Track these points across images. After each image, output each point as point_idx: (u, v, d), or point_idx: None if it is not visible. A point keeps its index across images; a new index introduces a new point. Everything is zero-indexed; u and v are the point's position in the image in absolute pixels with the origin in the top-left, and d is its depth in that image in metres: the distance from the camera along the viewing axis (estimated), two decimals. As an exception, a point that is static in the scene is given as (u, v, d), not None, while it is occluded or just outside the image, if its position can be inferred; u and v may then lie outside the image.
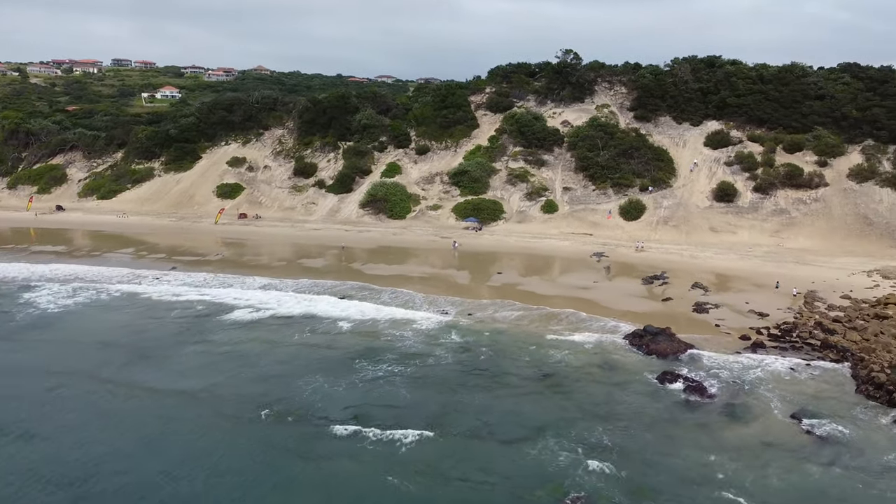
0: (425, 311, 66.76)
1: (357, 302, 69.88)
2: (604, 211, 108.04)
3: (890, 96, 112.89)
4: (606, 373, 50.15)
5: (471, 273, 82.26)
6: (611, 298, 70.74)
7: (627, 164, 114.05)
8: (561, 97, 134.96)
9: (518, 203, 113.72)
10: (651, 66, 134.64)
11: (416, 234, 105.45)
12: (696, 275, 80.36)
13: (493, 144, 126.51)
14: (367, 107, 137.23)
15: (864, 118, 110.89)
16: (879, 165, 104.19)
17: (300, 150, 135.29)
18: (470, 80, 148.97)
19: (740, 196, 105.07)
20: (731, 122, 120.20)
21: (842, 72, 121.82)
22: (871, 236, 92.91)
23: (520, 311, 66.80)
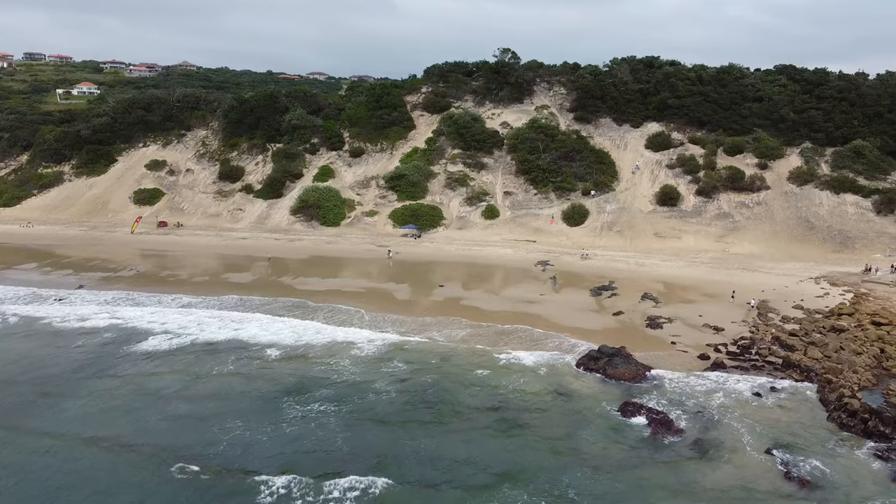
0: (364, 332, 60.99)
1: (289, 323, 63.54)
2: (546, 216, 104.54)
3: (825, 98, 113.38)
4: (564, 404, 45.68)
5: (411, 287, 76.96)
6: (561, 314, 66.63)
7: (569, 168, 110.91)
8: (499, 97, 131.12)
9: (458, 208, 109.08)
10: (590, 67, 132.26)
11: (351, 243, 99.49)
12: (645, 284, 77.35)
13: (431, 147, 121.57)
14: (298, 106, 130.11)
15: (802, 120, 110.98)
16: (818, 168, 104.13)
17: (226, 152, 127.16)
18: (405, 79, 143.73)
19: (683, 200, 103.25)
20: (671, 123, 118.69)
21: (778, 74, 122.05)
22: (813, 241, 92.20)
23: (466, 329, 61.94)
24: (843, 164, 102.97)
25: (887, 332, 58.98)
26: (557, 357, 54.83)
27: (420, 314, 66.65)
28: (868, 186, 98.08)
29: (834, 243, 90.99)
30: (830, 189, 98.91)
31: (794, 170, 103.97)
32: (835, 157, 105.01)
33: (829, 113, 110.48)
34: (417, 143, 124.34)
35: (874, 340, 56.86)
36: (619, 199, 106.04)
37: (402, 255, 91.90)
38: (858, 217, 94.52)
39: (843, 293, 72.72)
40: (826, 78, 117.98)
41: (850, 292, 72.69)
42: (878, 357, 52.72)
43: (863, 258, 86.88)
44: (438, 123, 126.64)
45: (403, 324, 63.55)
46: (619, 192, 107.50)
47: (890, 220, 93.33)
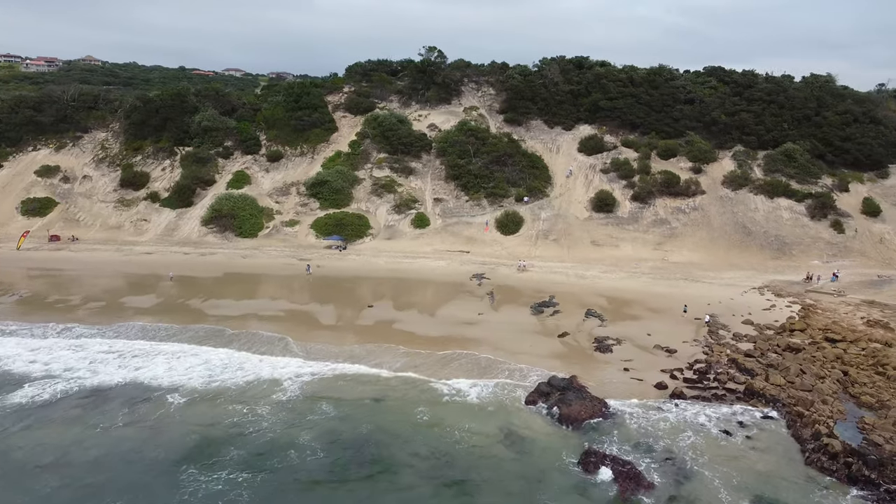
0: (287, 367, 53.59)
1: (201, 356, 55.56)
2: (479, 224, 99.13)
3: (755, 101, 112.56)
4: (519, 457, 39.89)
5: (338, 308, 69.86)
6: (502, 337, 61.07)
7: (501, 173, 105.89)
8: (426, 98, 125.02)
9: (386, 217, 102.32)
10: (519, 67, 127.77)
11: (270, 257, 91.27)
12: (587, 299, 72.95)
13: (355, 150, 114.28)
14: (209, 106, 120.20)
15: (733, 123, 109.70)
16: (751, 172, 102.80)
17: (128, 156, 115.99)
18: (326, 77, 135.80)
19: (619, 206, 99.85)
20: (604, 126, 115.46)
21: (707, 75, 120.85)
22: (751, 247, 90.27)
23: (402, 359, 55.62)
24: (775, 167, 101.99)
25: (844, 350, 56.25)
26: (504, 391, 49.25)
27: (349, 341, 59.85)
28: (801, 191, 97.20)
29: (772, 249, 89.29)
30: (765, 193, 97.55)
31: (728, 174, 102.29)
32: (767, 160, 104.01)
33: (759, 116, 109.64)
34: (340, 146, 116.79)
35: (833, 360, 53.93)
36: (553, 205, 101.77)
37: (327, 270, 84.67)
38: (793, 222, 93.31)
39: (790, 304, 70.33)
40: (754, 80, 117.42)
41: (797, 304, 70.36)
42: (842, 381, 49.48)
43: (801, 265, 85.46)
44: (362, 125, 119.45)
45: (331, 355, 56.54)
46: (553, 199, 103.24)
47: (824, 226, 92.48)
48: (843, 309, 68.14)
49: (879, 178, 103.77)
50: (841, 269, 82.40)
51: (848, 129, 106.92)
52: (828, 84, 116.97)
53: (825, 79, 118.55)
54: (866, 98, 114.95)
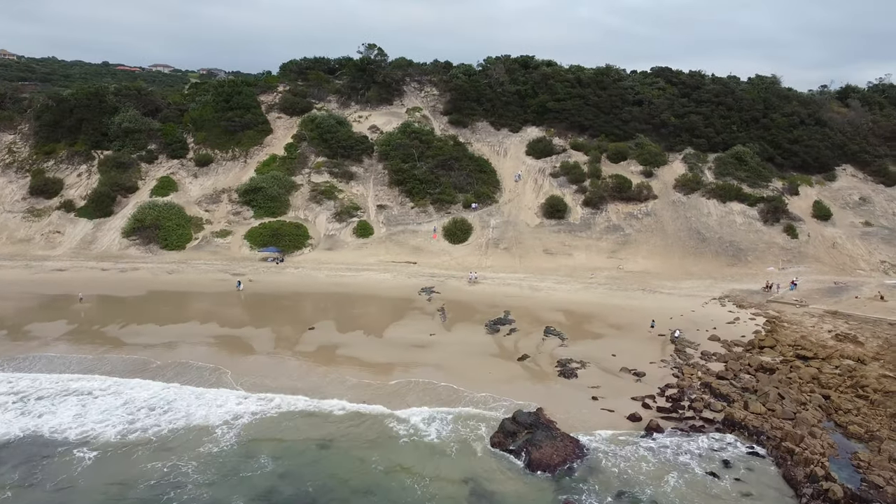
0: (221, 406, 47.38)
1: (120, 397, 48.80)
2: (426, 233, 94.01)
3: (703, 103, 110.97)
4: (489, 518, 35.09)
5: (276, 331, 63.58)
6: (458, 361, 56.15)
7: (448, 178, 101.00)
8: (366, 98, 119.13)
9: (326, 225, 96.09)
10: (463, 66, 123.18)
11: (199, 271, 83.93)
12: (544, 315, 68.85)
13: (292, 154, 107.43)
14: (130, 107, 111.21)
15: (683, 125, 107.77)
16: (703, 175, 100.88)
17: (39, 161, 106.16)
18: (260, 75, 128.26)
19: (571, 212, 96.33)
20: (552, 128, 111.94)
21: (655, 76, 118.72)
22: (706, 254, 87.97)
23: (350, 391, 50.02)
24: (726, 171, 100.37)
25: (818, 368, 53.55)
26: (467, 428, 44.46)
27: (290, 372, 53.79)
28: (753, 195, 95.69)
29: (727, 256, 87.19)
30: (717, 198, 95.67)
31: (679, 177, 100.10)
32: (718, 163, 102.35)
33: (708, 118, 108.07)
34: (275, 149, 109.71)
35: (809, 381, 51.05)
36: (503, 211, 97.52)
37: (263, 286, 78.15)
38: (747, 227, 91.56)
39: (753, 316, 67.78)
40: (702, 81, 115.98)
41: (760, 315, 67.88)
42: (824, 408, 46.40)
43: (758, 272, 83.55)
44: (299, 127, 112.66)
45: (271, 388, 50.41)
46: (502, 204, 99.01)
47: (777, 230, 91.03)
48: (809, 321, 65.91)
49: (827, 181, 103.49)
50: (798, 276, 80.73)
51: (795, 132, 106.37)
52: (773, 86, 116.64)
53: (770, 80, 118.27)
54: (811, 100, 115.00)
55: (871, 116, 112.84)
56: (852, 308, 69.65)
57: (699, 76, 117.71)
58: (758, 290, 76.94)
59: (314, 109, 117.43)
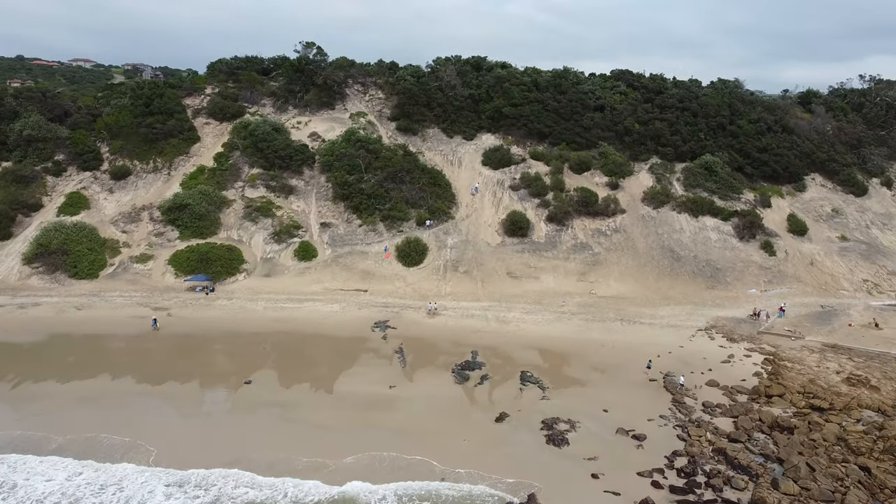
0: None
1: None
2: (377, 254, 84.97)
3: (667, 108, 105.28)
4: None
5: (205, 386, 53.75)
6: (425, 424, 47.72)
7: (398, 191, 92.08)
8: (305, 102, 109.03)
9: (263, 247, 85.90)
10: (411, 67, 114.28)
11: (114, 306, 72.79)
12: (517, 354, 61.22)
13: (222, 165, 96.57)
14: (33, 111, 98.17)
15: (648, 133, 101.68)
16: (671, 187, 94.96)
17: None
18: (186, 75, 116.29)
19: (534, 229, 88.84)
20: (509, 135, 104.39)
21: (615, 80, 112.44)
22: (683, 275, 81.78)
23: (297, 476, 40.98)
24: (695, 182, 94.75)
25: (840, 425, 47.16)
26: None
27: (222, 448, 44.16)
28: (726, 208, 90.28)
29: (704, 277, 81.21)
30: (689, 212, 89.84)
31: (648, 190, 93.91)
32: (686, 174, 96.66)
33: (673, 124, 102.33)
34: (204, 160, 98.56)
35: (836, 444, 44.53)
36: (460, 229, 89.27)
37: (190, 323, 67.85)
38: (722, 244, 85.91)
39: (748, 353, 61.51)
40: (664, 85, 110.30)
41: (755, 351, 61.68)
42: (867, 485, 39.72)
43: (739, 295, 77.95)
44: (230, 134, 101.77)
45: (190, 481, 40.80)
46: (459, 221, 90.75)
47: (754, 247, 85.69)
48: (810, 358, 59.98)
49: (798, 192, 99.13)
50: (784, 302, 75.24)
51: (763, 140, 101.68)
52: (737, 90, 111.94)
53: (734, 84, 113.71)
54: (775, 105, 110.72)
55: (835, 123, 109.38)
56: (850, 339, 64.27)
57: (661, 80, 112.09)
58: (744, 317, 70.98)
59: (247, 114, 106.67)
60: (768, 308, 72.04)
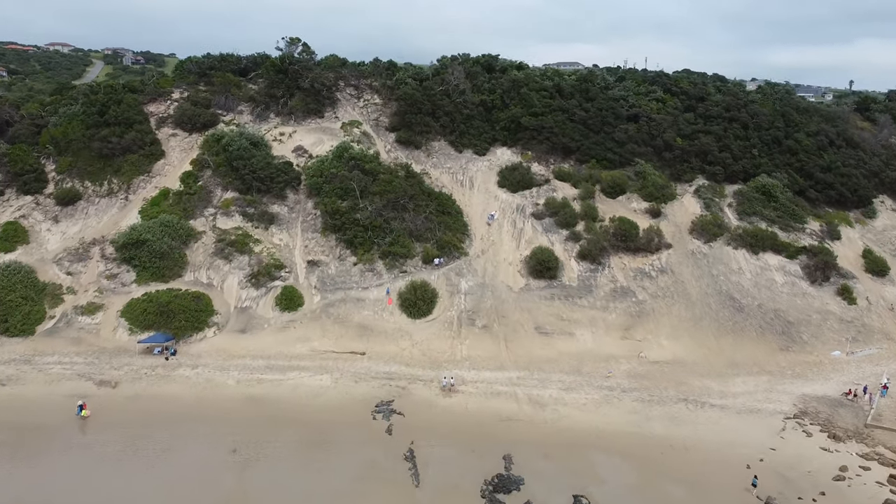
0: None
1: None
2: (375, 301, 71.31)
3: (713, 119, 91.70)
4: None
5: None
6: None
7: (401, 221, 78.18)
8: (289, 109, 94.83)
9: (238, 293, 71.96)
10: (412, 68, 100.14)
11: (47, 379, 58.86)
12: (564, 461, 47.93)
13: (190, 187, 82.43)
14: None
15: (692, 148, 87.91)
16: (722, 215, 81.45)
17: None
18: (152, 76, 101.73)
19: (564, 268, 75.30)
20: (528, 150, 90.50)
21: (650, 84, 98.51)
22: (748, 330, 68.44)
23: None
24: (751, 209, 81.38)
25: None
26: None
27: None
28: (791, 244, 76.95)
29: (775, 334, 67.88)
30: (747, 247, 76.47)
31: (696, 219, 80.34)
32: (739, 199, 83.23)
33: (721, 138, 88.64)
34: (168, 180, 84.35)
35: None
36: (475, 268, 75.60)
37: (140, 406, 54.67)
38: (790, 289, 72.70)
39: (866, 461, 48.40)
40: (706, 91, 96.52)
41: (874, 459, 48.58)
42: None
43: (822, 359, 65.04)
44: (201, 148, 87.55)
45: None
46: (474, 258, 77.05)
47: (828, 293, 72.54)
48: (951, 470, 46.79)
49: (867, 218, 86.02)
50: (872, 363, 62.22)
51: (826, 156, 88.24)
52: (788, 96, 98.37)
53: (784, 89, 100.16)
54: (835, 114, 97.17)
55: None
56: None
57: (702, 85, 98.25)
58: (838, 396, 57.72)
59: (221, 124, 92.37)
60: (865, 383, 58.78)
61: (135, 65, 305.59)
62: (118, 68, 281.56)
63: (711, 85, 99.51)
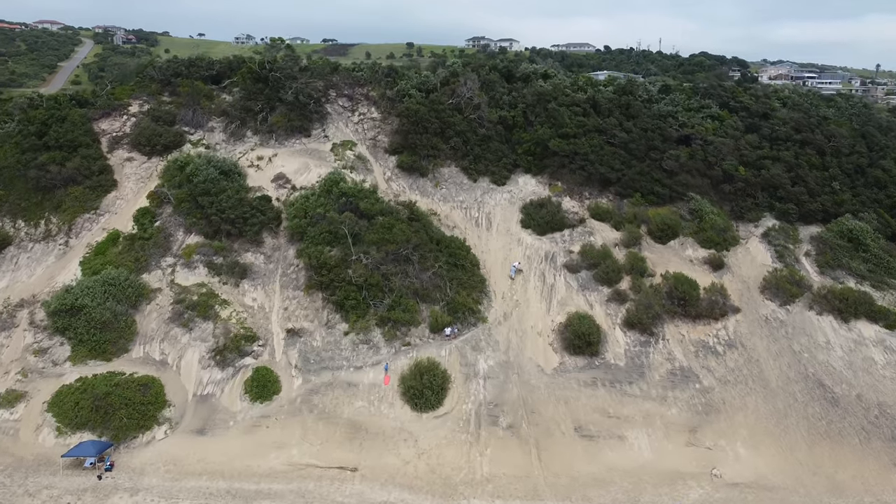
0: None
1: None
2: (370, 388, 57.50)
3: (780, 141, 77.09)
4: None
5: None
6: None
7: (403, 276, 63.98)
8: (269, 126, 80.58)
9: (198, 374, 58.15)
10: (417, 76, 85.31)
11: (-61, 516, 45.18)
12: None
13: (146, 230, 68.54)
14: None
15: (758, 180, 73.35)
16: (799, 268, 67.10)
17: None
18: (101, 87, 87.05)
19: (607, 340, 61.26)
20: (557, 181, 75.98)
21: (703, 97, 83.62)
22: (849, 435, 54.34)
23: None
24: (835, 260, 67.00)
25: None
26: None
27: None
28: (891, 309, 62.59)
29: (884, 441, 53.76)
30: (834, 313, 62.14)
31: (768, 274, 65.91)
32: (819, 247, 68.83)
33: (793, 167, 74.01)
34: (120, 219, 70.39)
35: None
36: (497, 339, 61.55)
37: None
38: (894, 372, 58.44)
39: None
40: (770, 105, 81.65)
41: None
42: None
43: (951, 482, 50.62)
44: (161, 177, 73.43)
45: None
46: (494, 325, 62.98)
47: (943, 377, 58.33)
48: None
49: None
50: None
51: (921, 190, 73.77)
52: (867, 110, 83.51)
53: (860, 102, 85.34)
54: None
55: None
56: None
57: (764, 95, 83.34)
58: None
59: (187, 144, 78.35)
60: None
61: (126, 44, 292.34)
62: (108, 48, 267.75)
63: (775, 97, 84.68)
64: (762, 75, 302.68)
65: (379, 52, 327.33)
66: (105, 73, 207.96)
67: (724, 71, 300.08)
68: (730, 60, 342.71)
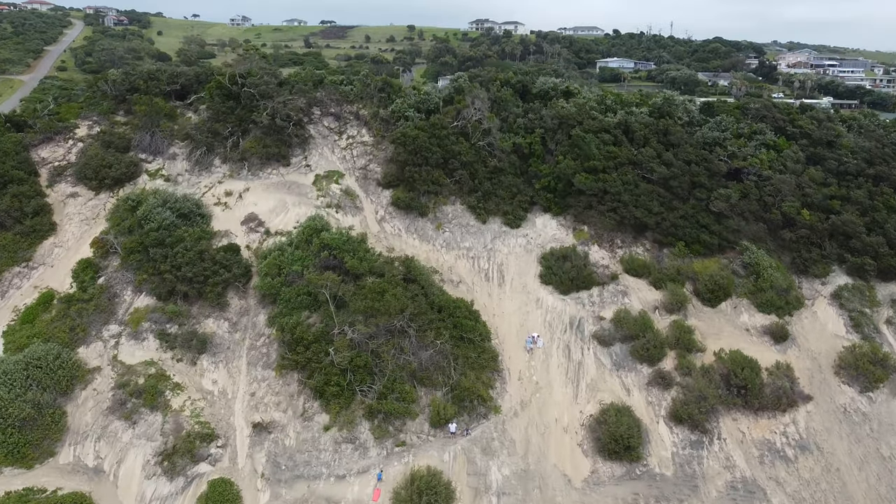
0: None
1: None
2: (354, 502, 46.31)
3: (849, 177, 65.36)
4: None
5: None
6: None
7: (397, 354, 52.76)
8: (241, 153, 68.89)
9: (140, 486, 47.43)
10: (415, 95, 73.49)
11: None
12: None
13: (86, 289, 57.44)
14: None
15: (825, 227, 61.78)
16: (880, 340, 55.85)
17: None
18: (43, 106, 75.41)
19: (649, 438, 50.17)
20: (582, 224, 64.42)
21: (756, 120, 71.81)
22: (962, 578, 43.45)
23: None
24: (925, 331, 55.65)
25: None
26: None
27: None
28: None
29: None
30: (930, 404, 51.00)
31: (844, 351, 54.63)
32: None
33: (867, 210, 62.35)
34: (56, 274, 59.40)
35: None
36: (512, 438, 50.49)
37: None
38: None
39: None
40: (836, 130, 69.72)
41: None
42: None
43: None
44: (110, 219, 62.14)
45: None
46: (509, 417, 51.87)
47: None
48: None
49: None
50: None
51: None
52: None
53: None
54: None
55: None
56: None
57: (827, 121, 71.31)
58: None
59: (144, 175, 67.06)
60: None
61: (117, 26, 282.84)
62: (98, 30, 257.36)
63: (837, 118, 72.77)
64: (780, 63, 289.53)
65: (379, 35, 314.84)
66: (92, 57, 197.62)
67: (741, 58, 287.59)
68: (745, 46, 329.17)
